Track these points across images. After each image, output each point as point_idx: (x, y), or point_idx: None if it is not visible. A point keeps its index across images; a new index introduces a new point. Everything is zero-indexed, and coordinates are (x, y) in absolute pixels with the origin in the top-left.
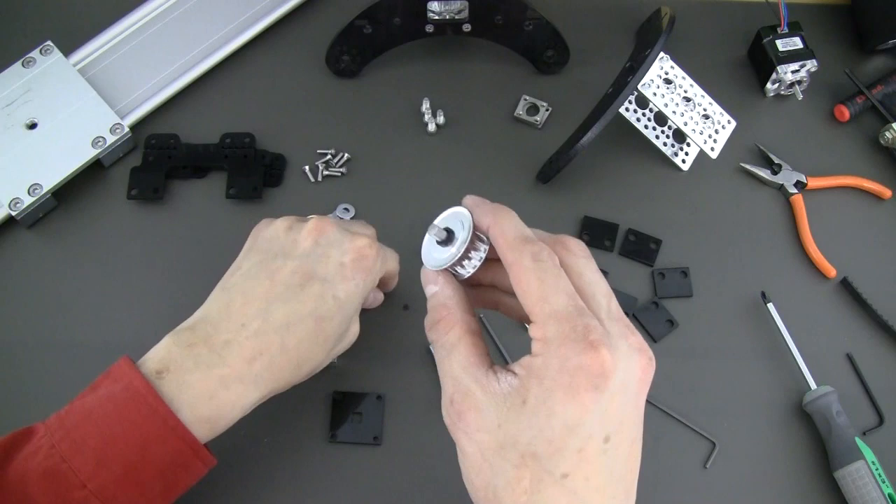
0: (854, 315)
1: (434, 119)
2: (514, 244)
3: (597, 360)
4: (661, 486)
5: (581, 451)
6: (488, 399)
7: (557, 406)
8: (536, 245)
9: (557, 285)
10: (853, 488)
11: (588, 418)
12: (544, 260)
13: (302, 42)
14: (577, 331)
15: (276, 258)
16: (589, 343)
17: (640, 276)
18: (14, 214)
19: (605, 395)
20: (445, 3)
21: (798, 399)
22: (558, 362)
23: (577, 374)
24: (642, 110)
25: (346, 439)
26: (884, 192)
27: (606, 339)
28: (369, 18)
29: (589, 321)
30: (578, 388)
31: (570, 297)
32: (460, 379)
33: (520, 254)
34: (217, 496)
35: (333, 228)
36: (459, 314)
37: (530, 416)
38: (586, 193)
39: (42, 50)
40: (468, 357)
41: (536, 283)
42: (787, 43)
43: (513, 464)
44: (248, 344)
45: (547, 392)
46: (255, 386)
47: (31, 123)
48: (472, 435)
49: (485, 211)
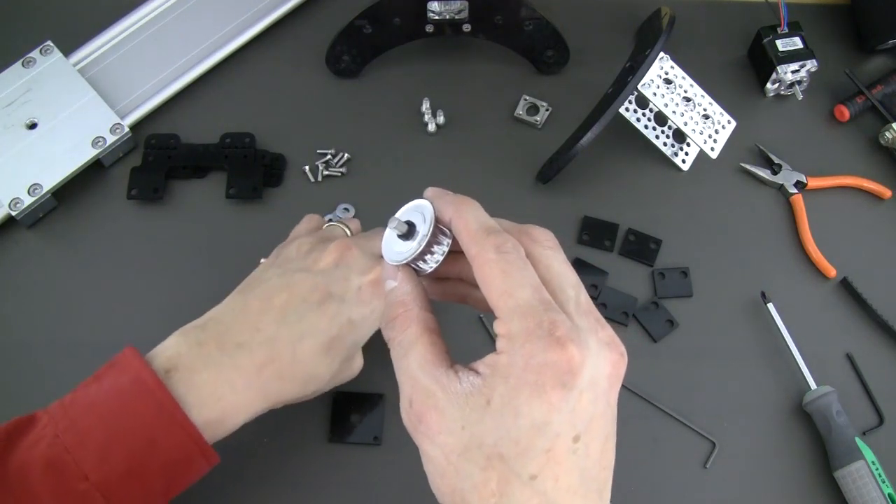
0: (854, 315)
1: (434, 119)
2: (476, 236)
3: (564, 357)
4: (661, 486)
5: (549, 452)
6: (449, 400)
7: (523, 405)
8: (500, 236)
9: (522, 278)
10: (853, 488)
11: (555, 417)
12: (508, 251)
13: (302, 42)
14: (543, 326)
15: (298, 273)
16: (555, 339)
17: (640, 276)
18: (14, 214)
19: (574, 392)
20: (445, 3)
21: (798, 399)
22: (523, 360)
23: (543, 371)
24: (642, 110)
25: (346, 439)
26: (884, 192)
27: (574, 335)
28: (369, 18)
29: (555, 316)
30: (545, 387)
31: (535, 290)
32: (419, 379)
33: (482, 246)
34: (217, 496)
35: (356, 251)
36: (416, 311)
37: (495, 417)
38: (586, 193)
39: (42, 50)
40: (426, 356)
41: (500, 277)
42: (787, 43)
43: (479, 466)
44: (259, 350)
45: (512, 391)
46: (262, 394)
47: (31, 123)
48: (435, 438)
49: (446, 202)
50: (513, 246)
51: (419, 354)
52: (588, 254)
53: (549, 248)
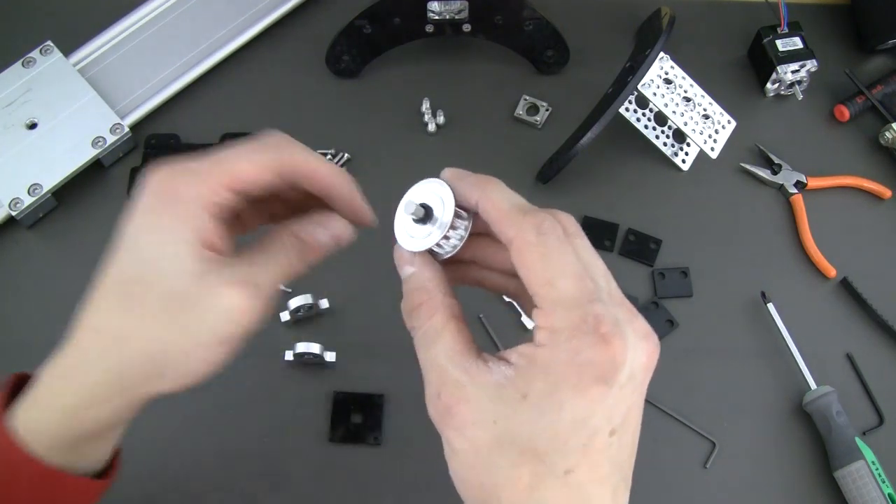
0: (854, 315)
1: (434, 119)
2: (512, 217)
3: (609, 354)
4: (661, 486)
5: (586, 447)
6: (480, 391)
7: (566, 401)
8: (538, 215)
9: (565, 265)
10: (853, 488)
11: (595, 413)
12: (547, 233)
13: (302, 42)
14: (588, 321)
15: None
16: (601, 336)
17: (640, 276)
18: (14, 214)
19: (614, 388)
20: (445, 3)
21: (798, 399)
22: (567, 356)
23: (587, 368)
24: (642, 110)
25: (346, 439)
26: (884, 192)
27: (617, 329)
28: (369, 18)
29: (600, 309)
30: (588, 383)
31: (578, 278)
32: (447, 370)
33: (520, 227)
34: (217, 496)
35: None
36: (441, 297)
37: (532, 411)
38: (586, 193)
39: (42, 50)
40: (454, 345)
41: (541, 262)
42: (787, 43)
43: (511, 461)
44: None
45: (552, 386)
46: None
47: (31, 123)
48: (464, 431)
49: (470, 184)
50: (551, 225)
51: (447, 344)
52: None
53: (578, 237)
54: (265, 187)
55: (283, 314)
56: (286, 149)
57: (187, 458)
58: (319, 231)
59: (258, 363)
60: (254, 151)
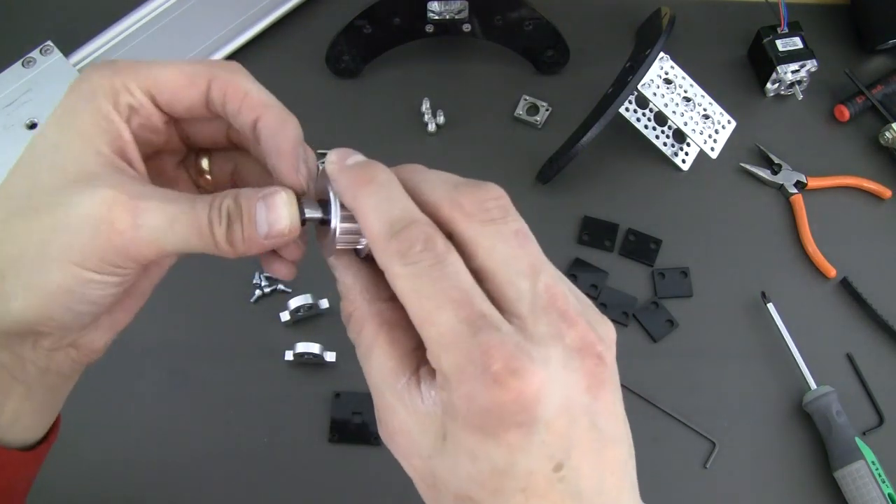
0: (854, 315)
1: (434, 119)
2: (379, 239)
3: (507, 397)
4: (661, 486)
5: (526, 490)
6: (413, 420)
7: (478, 450)
8: (404, 238)
9: (439, 293)
10: (853, 488)
11: (521, 458)
12: (417, 260)
13: (302, 42)
14: (474, 361)
15: None
16: (492, 377)
17: (640, 276)
18: None
19: (537, 426)
20: (445, 3)
21: (798, 399)
22: (463, 403)
23: (488, 416)
24: (642, 110)
25: (346, 439)
26: (884, 192)
27: (518, 361)
28: (369, 18)
29: (488, 340)
30: (496, 430)
31: (457, 306)
32: (383, 393)
33: (387, 254)
34: (217, 496)
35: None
36: (365, 306)
37: (450, 457)
38: (586, 193)
39: (42, 50)
40: (385, 361)
41: (414, 297)
42: (787, 43)
43: (452, 501)
44: None
45: (462, 433)
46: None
47: (31, 123)
48: (408, 460)
49: (344, 186)
50: (424, 246)
51: (378, 361)
52: (588, 254)
53: (491, 223)
54: (188, 107)
55: (283, 314)
56: (224, 70)
57: (187, 458)
58: (261, 213)
59: (258, 363)
60: (186, 63)
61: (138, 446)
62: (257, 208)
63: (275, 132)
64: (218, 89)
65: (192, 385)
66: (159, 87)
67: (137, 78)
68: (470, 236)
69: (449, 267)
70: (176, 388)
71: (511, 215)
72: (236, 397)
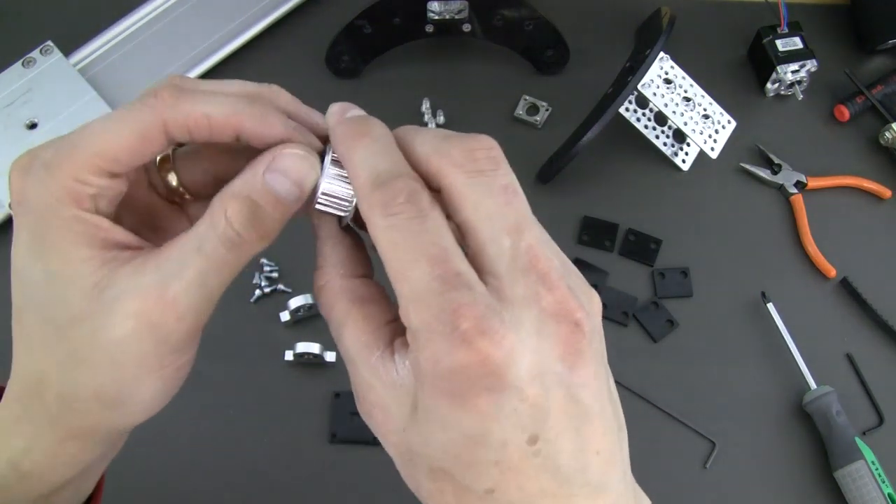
0: (854, 315)
1: (434, 119)
2: (363, 190)
3: (476, 359)
4: (661, 486)
5: (500, 463)
6: (388, 393)
7: (449, 417)
8: (388, 189)
9: (415, 248)
10: (853, 488)
11: (493, 426)
12: (397, 212)
13: (302, 42)
14: (443, 318)
15: None
16: (459, 336)
17: (640, 276)
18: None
19: (508, 392)
20: (445, 3)
21: (798, 399)
22: (430, 365)
23: (455, 378)
24: (642, 110)
25: (346, 439)
26: (884, 192)
27: (488, 322)
28: (369, 18)
29: (458, 298)
30: (465, 395)
31: (434, 263)
32: (358, 369)
33: (369, 205)
34: (217, 496)
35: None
36: (338, 280)
37: (422, 427)
38: (586, 193)
39: (42, 50)
40: (359, 335)
41: (390, 250)
42: (787, 43)
43: (427, 477)
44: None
45: (430, 399)
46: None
47: (31, 123)
48: (386, 437)
49: (339, 138)
50: (407, 199)
51: (352, 336)
52: (588, 254)
53: (479, 174)
54: (150, 157)
55: (283, 314)
56: (167, 104)
57: (187, 458)
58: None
59: (258, 363)
60: (126, 115)
61: (137, 446)
62: (269, 182)
63: (261, 128)
64: (178, 129)
65: (191, 385)
66: (110, 160)
67: (85, 163)
68: (457, 188)
69: (430, 222)
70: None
71: (502, 168)
72: (236, 397)
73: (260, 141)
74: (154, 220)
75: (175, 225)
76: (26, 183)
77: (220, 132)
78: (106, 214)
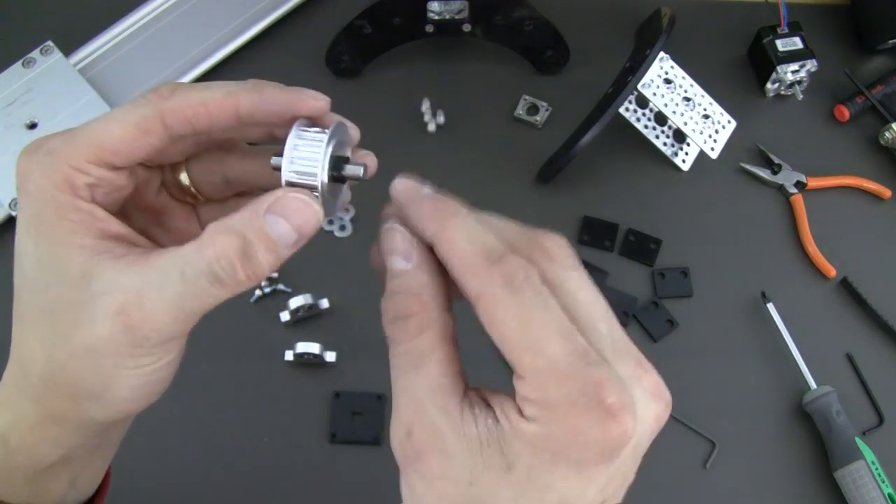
0: (854, 315)
1: (434, 119)
2: (477, 267)
3: (618, 431)
4: (661, 486)
5: None
6: (460, 444)
7: (558, 481)
8: (507, 263)
9: (547, 324)
10: (853, 488)
11: (588, 491)
12: (522, 288)
13: (302, 42)
14: (589, 392)
15: None
16: (606, 410)
17: (640, 276)
18: (14, 214)
19: (616, 462)
20: (445, 3)
21: (798, 399)
22: (567, 435)
23: (589, 448)
24: (642, 110)
25: (346, 439)
26: (884, 192)
27: (625, 397)
28: (369, 18)
29: (600, 374)
30: (588, 464)
31: (566, 339)
32: (426, 407)
33: (488, 282)
34: (217, 496)
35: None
36: (437, 313)
37: (515, 487)
38: (586, 193)
39: (42, 50)
40: (440, 377)
41: (518, 325)
42: (787, 43)
43: None
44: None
45: (545, 464)
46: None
47: (31, 123)
48: (432, 482)
49: (425, 214)
50: (526, 276)
51: (432, 375)
52: (588, 254)
53: (571, 268)
54: (149, 154)
55: (283, 314)
56: (165, 98)
57: (187, 458)
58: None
59: (258, 363)
60: (129, 110)
61: (137, 446)
62: (269, 224)
63: (259, 100)
64: (176, 120)
65: (191, 385)
66: (109, 152)
67: (84, 153)
68: (555, 278)
69: (552, 300)
70: (175, 388)
71: (580, 264)
72: (236, 397)
73: (261, 114)
74: (165, 219)
75: (186, 225)
76: (29, 167)
77: (219, 116)
78: (104, 206)
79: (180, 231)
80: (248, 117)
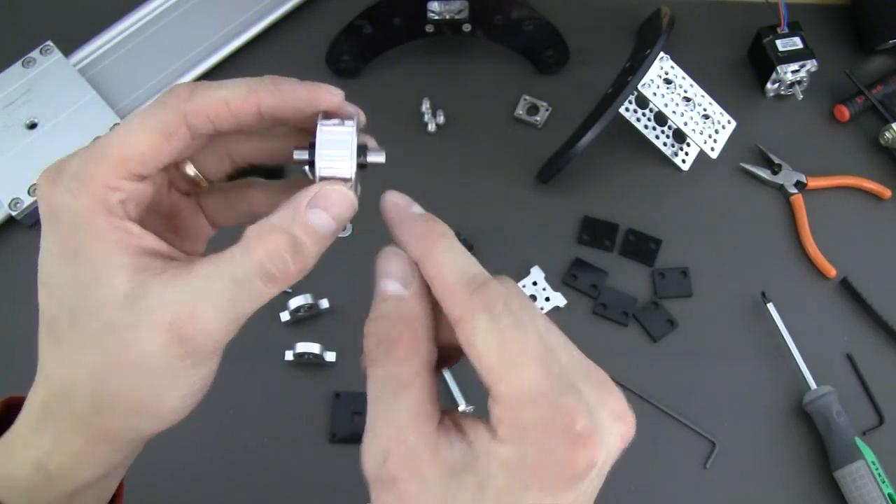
0: (854, 315)
1: (434, 119)
2: (458, 291)
3: (585, 455)
4: (661, 486)
5: None
6: (436, 468)
7: (528, 501)
8: (489, 290)
9: (524, 350)
10: (853, 488)
11: None
12: (501, 315)
13: (302, 42)
14: (560, 418)
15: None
16: (576, 436)
17: (640, 276)
18: (14, 214)
19: (584, 483)
20: (445, 3)
21: (798, 399)
22: (537, 457)
23: (559, 470)
24: (642, 110)
25: (346, 439)
26: (884, 192)
27: (592, 423)
28: (369, 18)
29: (571, 401)
30: (557, 485)
31: (541, 364)
32: (405, 433)
33: (469, 306)
34: (217, 496)
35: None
36: (425, 343)
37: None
38: (586, 193)
39: (42, 50)
40: (421, 405)
41: (496, 351)
42: (787, 43)
43: None
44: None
45: (517, 485)
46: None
47: (31, 123)
48: (405, 502)
49: (412, 236)
50: (505, 305)
51: (413, 401)
52: (588, 254)
53: (524, 307)
54: (174, 158)
55: (283, 314)
56: (184, 98)
57: (187, 458)
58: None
59: (258, 363)
60: (148, 115)
61: None
62: (311, 218)
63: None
64: (199, 120)
65: None
66: (136, 162)
67: (113, 169)
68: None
69: (530, 325)
70: None
71: (531, 302)
72: (236, 397)
73: (284, 107)
74: (174, 219)
75: (193, 223)
76: (55, 193)
77: (241, 113)
78: (134, 219)
79: (188, 227)
80: (268, 114)
